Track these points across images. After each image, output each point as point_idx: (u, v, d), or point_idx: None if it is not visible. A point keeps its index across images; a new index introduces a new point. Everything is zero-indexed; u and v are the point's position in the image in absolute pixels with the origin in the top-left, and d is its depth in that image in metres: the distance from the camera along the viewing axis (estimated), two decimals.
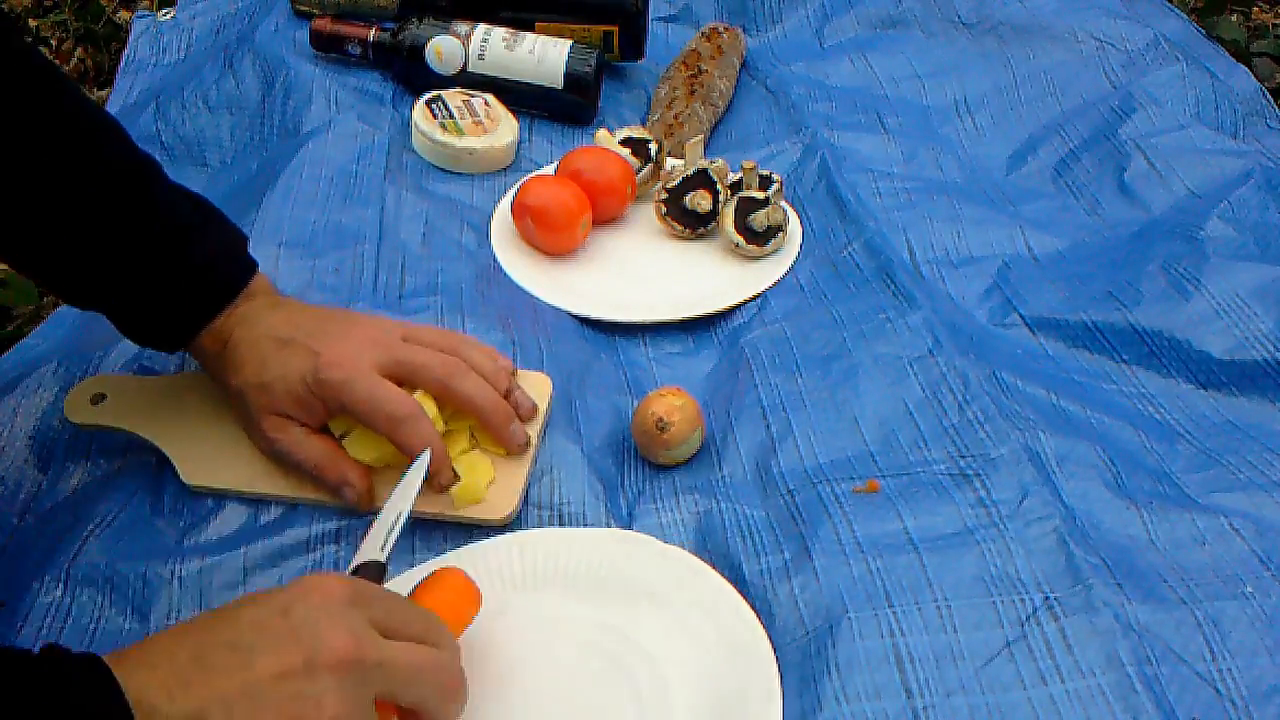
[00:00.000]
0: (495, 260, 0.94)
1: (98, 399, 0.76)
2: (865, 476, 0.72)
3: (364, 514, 0.71)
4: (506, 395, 0.74)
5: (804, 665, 0.61)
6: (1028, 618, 0.62)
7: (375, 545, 0.64)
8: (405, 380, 0.72)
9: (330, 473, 0.71)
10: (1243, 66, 1.15)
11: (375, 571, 0.62)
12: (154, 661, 0.50)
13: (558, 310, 0.89)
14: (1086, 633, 0.61)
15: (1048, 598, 0.63)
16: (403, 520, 0.65)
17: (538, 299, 0.90)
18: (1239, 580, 0.65)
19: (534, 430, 0.75)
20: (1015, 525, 0.67)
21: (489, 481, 0.72)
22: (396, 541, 0.64)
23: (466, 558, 0.69)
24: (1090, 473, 0.71)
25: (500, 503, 0.71)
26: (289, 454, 0.72)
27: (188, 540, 0.71)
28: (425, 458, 0.68)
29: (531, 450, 0.74)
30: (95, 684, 0.48)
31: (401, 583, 0.66)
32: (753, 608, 0.65)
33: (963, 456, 0.72)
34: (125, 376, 0.79)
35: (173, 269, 0.71)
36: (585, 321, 0.89)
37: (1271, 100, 1.09)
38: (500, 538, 0.71)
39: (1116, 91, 1.10)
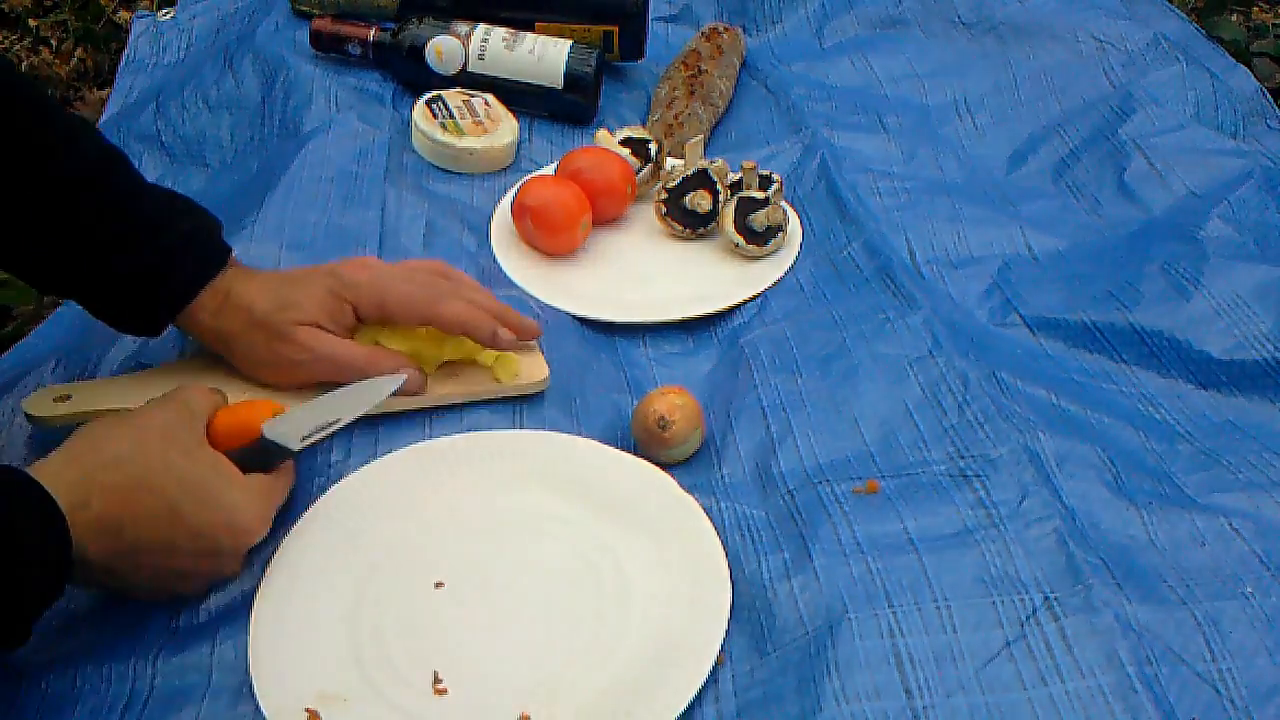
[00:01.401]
0: (495, 261, 0.94)
1: (61, 399, 0.74)
2: (865, 477, 0.72)
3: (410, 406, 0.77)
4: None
5: (804, 665, 0.61)
6: (1028, 618, 0.62)
7: (297, 431, 0.68)
8: None
9: (387, 361, 0.75)
10: (1243, 66, 1.15)
11: (277, 455, 0.67)
12: (88, 502, 0.59)
13: (558, 310, 0.89)
14: (1086, 633, 0.61)
15: (1048, 598, 0.63)
16: (337, 427, 0.69)
17: (538, 299, 0.90)
18: (1239, 580, 0.65)
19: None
20: (1015, 526, 0.67)
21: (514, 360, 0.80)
22: (318, 444, 0.69)
23: (507, 441, 0.76)
24: (1090, 473, 0.71)
25: (533, 371, 0.80)
26: (335, 353, 0.74)
27: None
28: (398, 379, 0.73)
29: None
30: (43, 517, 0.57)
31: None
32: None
33: (962, 457, 0.72)
34: (89, 381, 0.78)
35: (163, 239, 0.73)
36: (585, 321, 0.89)
37: (1271, 100, 1.10)
38: (527, 433, 0.77)
39: (1116, 91, 1.10)
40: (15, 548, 0.55)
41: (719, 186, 0.96)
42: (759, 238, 0.94)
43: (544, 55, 1.10)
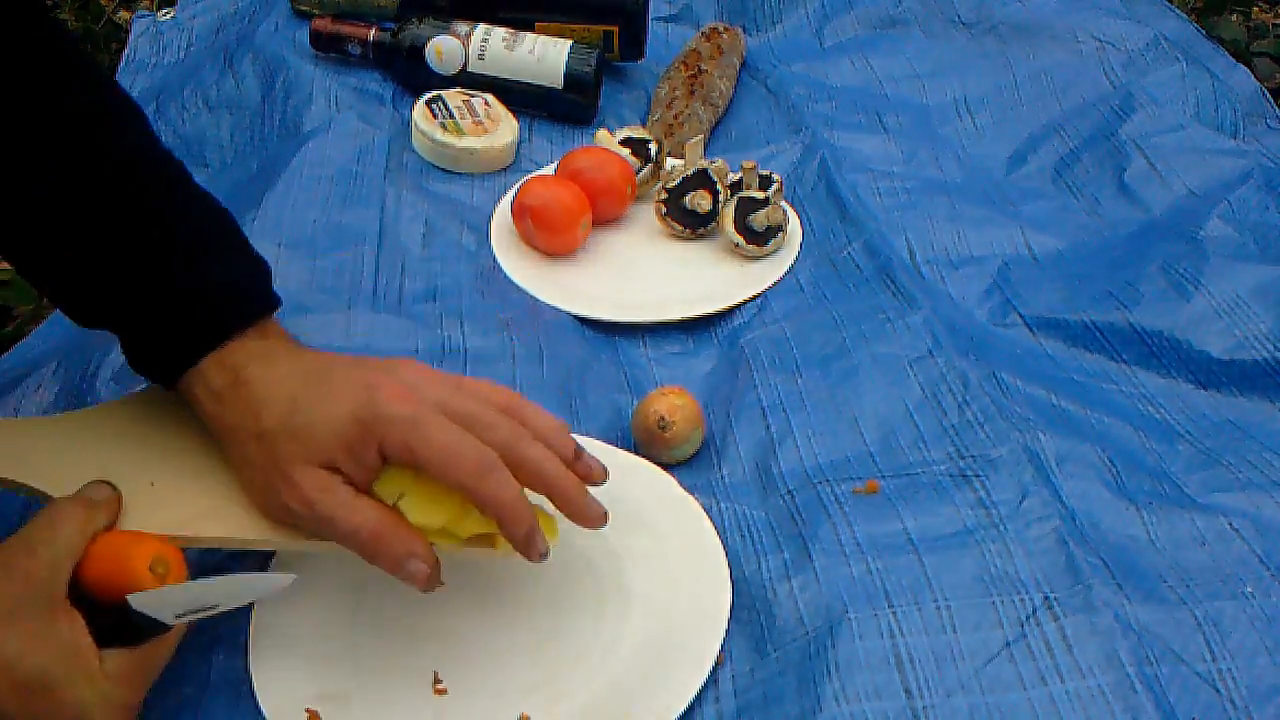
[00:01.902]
0: (495, 261, 0.94)
1: None
2: (865, 477, 0.72)
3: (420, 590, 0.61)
4: (576, 459, 0.63)
5: (804, 666, 0.61)
6: (1028, 618, 0.62)
7: (170, 609, 0.56)
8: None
9: (395, 544, 0.58)
10: (1243, 66, 1.15)
11: (151, 626, 0.56)
12: None
13: (558, 310, 0.89)
14: (1086, 633, 0.61)
15: (1047, 598, 0.63)
16: (215, 612, 0.57)
17: (538, 299, 0.90)
18: (1239, 580, 0.65)
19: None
20: (1015, 525, 0.67)
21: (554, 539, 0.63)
22: (192, 624, 0.58)
23: None
24: (1090, 473, 0.71)
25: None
26: (336, 518, 0.58)
27: None
28: (288, 579, 0.58)
29: None
30: None
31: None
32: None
33: (962, 457, 0.72)
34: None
35: (181, 280, 0.63)
36: (585, 321, 0.89)
37: (1271, 100, 1.09)
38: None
39: (1116, 91, 1.10)
40: None
41: (719, 186, 0.96)
42: (759, 238, 0.94)
43: (544, 55, 1.10)
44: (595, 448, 0.75)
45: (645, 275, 0.94)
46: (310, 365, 0.62)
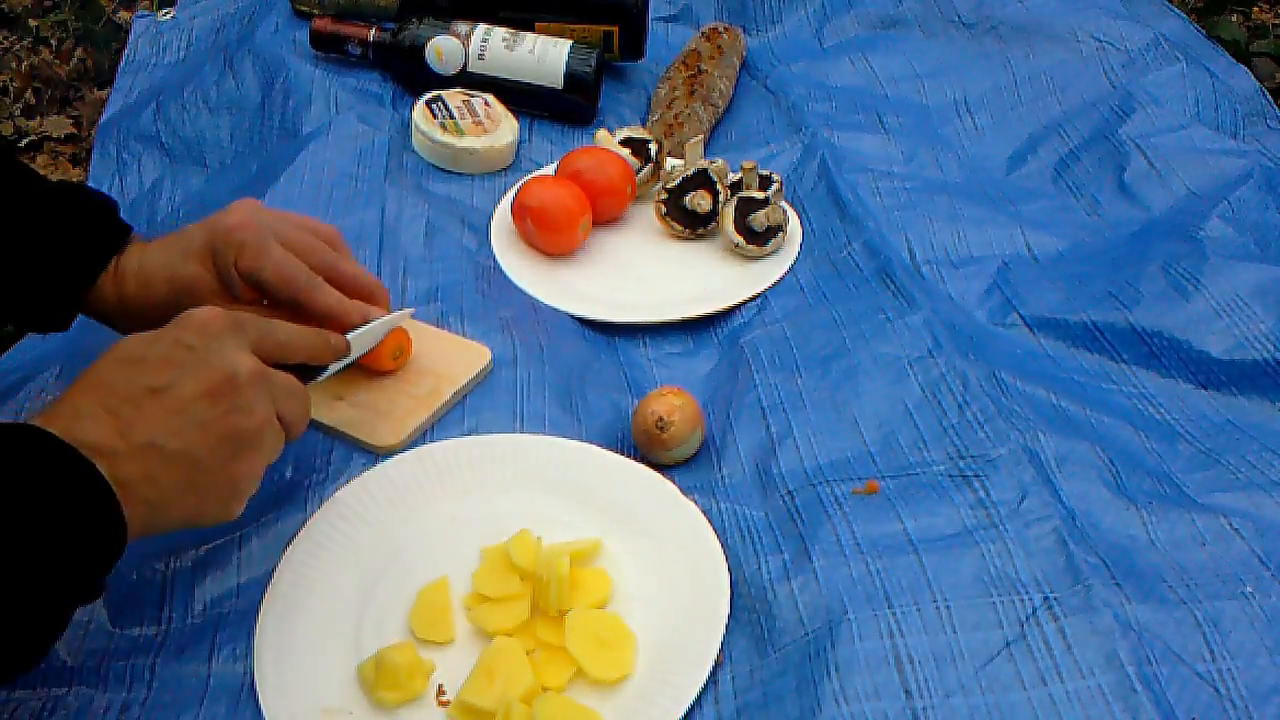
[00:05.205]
0: (495, 261, 0.94)
1: None
2: (865, 477, 0.72)
3: None
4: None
5: (803, 666, 0.61)
6: (1027, 618, 0.62)
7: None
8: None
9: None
10: (1243, 66, 1.15)
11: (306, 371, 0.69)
12: (86, 413, 0.55)
13: (558, 310, 0.89)
14: (1086, 633, 0.61)
15: (1047, 598, 0.63)
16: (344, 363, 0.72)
17: (538, 299, 0.90)
18: (1239, 580, 0.65)
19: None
20: (1015, 526, 0.67)
21: None
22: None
23: (507, 445, 0.76)
24: (1090, 473, 0.71)
25: (387, 430, 0.76)
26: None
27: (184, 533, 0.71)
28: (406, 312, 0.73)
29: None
30: (42, 443, 0.53)
31: None
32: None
33: (962, 457, 0.72)
34: None
35: (56, 223, 0.72)
36: (585, 322, 0.89)
37: (1271, 100, 1.09)
38: (528, 437, 0.76)
39: (1116, 91, 1.10)
40: None
41: (719, 186, 0.96)
42: (759, 238, 0.94)
43: (544, 55, 1.10)
44: (593, 450, 0.75)
45: (645, 275, 0.94)
46: (162, 239, 0.75)
